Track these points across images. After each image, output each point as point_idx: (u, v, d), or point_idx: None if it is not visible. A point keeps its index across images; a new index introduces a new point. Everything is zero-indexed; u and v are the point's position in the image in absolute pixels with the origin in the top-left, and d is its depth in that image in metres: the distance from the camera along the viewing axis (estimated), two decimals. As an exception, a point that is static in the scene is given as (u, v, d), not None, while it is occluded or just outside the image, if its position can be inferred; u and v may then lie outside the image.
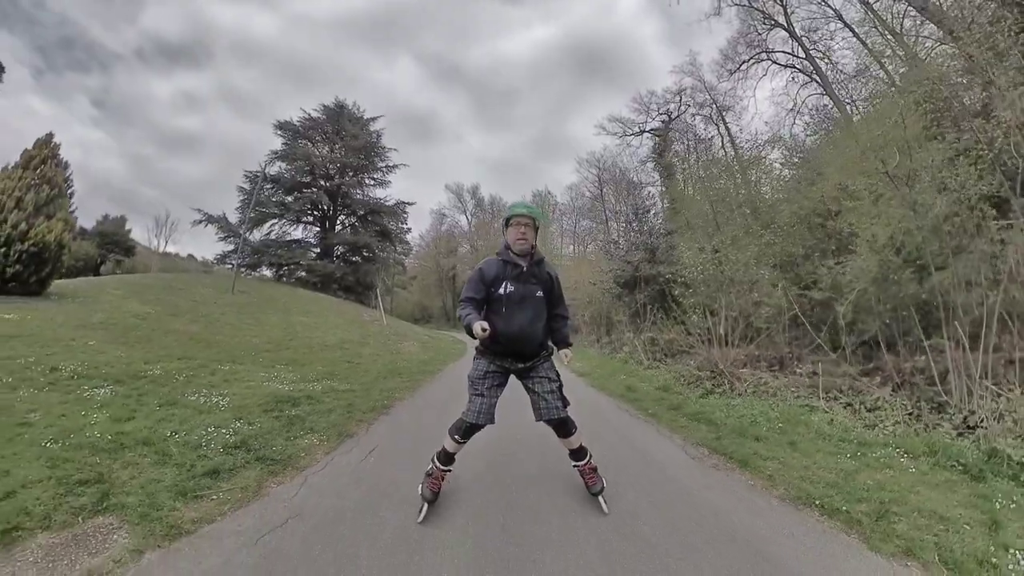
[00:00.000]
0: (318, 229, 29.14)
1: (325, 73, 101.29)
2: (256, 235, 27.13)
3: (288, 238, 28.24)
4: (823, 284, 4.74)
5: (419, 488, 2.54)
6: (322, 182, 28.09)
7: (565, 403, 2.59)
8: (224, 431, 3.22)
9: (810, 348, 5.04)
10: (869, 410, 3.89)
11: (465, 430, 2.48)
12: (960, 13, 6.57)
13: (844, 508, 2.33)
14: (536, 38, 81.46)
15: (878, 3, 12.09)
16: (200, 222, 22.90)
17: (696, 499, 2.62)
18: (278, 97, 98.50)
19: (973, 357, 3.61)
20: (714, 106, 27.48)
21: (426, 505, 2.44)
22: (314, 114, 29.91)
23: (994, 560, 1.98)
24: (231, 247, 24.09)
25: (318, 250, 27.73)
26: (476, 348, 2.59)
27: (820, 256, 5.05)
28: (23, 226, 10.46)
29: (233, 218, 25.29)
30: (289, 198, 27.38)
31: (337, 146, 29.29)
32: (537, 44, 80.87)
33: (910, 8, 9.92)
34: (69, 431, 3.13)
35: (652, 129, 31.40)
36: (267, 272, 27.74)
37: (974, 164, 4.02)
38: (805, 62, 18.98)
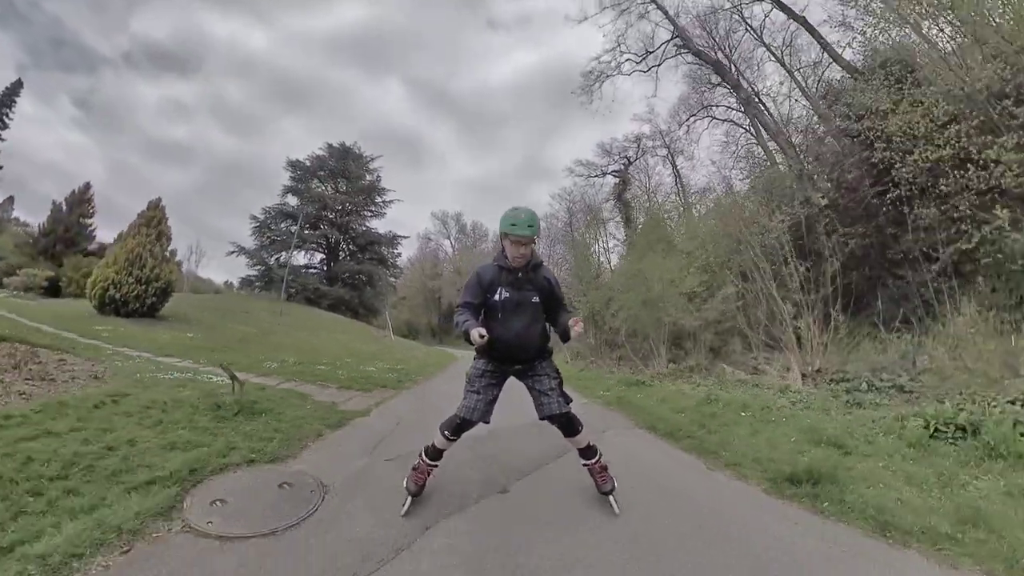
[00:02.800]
0: (323, 256, 34.75)
1: (315, 90, 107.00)
2: (270, 261, 32.59)
3: (293, 263, 33.76)
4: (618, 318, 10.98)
5: (404, 481, 2.68)
6: (329, 215, 33.80)
7: (567, 400, 2.72)
8: (385, 376, 9.03)
9: (642, 354, 11.20)
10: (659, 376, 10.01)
11: (456, 427, 2.63)
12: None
13: (613, 401, 8.31)
14: (518, 65, 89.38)
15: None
16: (232, 252, 28.38)
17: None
18: (268, 113, 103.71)
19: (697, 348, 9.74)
20: (668, 151, 34.31)
21: (410, 498, 2.59)
22: (320, 153, 35.76)
23: (660, 412, 7.91)
24: (255, 272, 29.56)
25: (324, 275, 33.30)
26: (476, 349, 2.61)
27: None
28: (157, 270, 16.05)
29: (246, 242, 30.84)
30: (296, 226, 32.96)
31: (341, 184, 35.11)
32: (519, 71, 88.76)
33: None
34: (350, 373, 8.87)
35: (614, 171, 38.37)
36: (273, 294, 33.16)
37: (684, 269, 10.24)
38: (742, 114, 23.53)
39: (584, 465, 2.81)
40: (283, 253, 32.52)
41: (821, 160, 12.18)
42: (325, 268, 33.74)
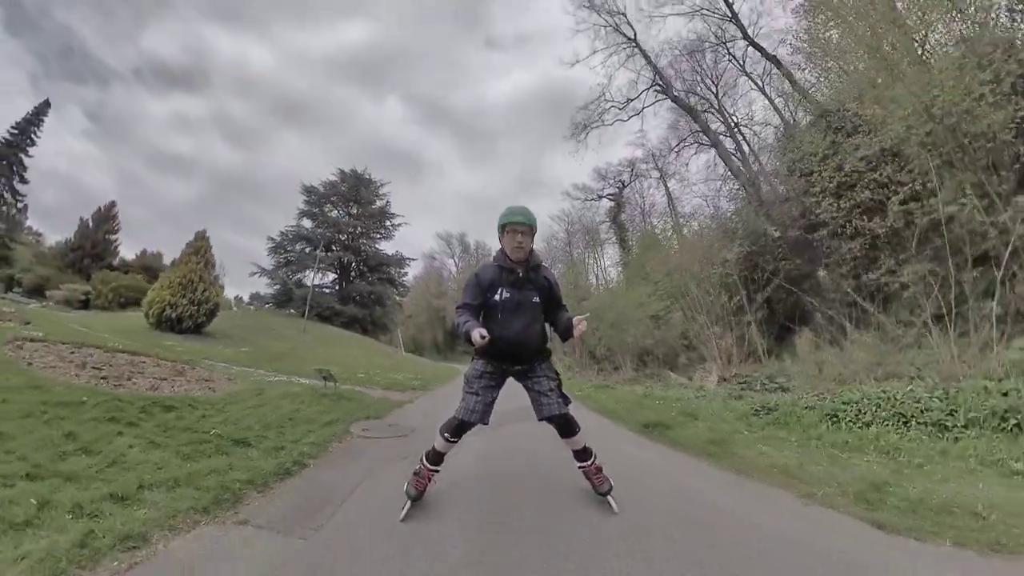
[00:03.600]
0: (335, 276, 37.89)
1: (318, 106, 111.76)
2: (286, 281, 35.71)
3: (309, 283, 36.89)
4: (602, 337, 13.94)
5: (405, 486, 2.79)
6: (342, 237, 37.01)
7: (566, 400, 2.80)
8: (411, 382, 11.93)
9: (613, 366, 14.04)
10: (623, 381, 12.88)
11: (456, 428, 2.74)
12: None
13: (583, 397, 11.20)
14: (517, 82, 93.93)
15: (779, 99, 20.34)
16: (255, 274, 31.55)
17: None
18: (271, 127, 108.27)
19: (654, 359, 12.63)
20: (660, 174, 37.42)
21: (409, 503, 2.70)
22: (333, 178, 39.11)
23: (608, 404, 10.77)
24: (271, 290, 32.71)
25: (337, 295, 36.40)
26: (476, 349, 2.63)
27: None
28: (206, 293, 19.07)
29: (264, 261, 34.12)
30: (315, 250, 36.14)
31: (353, 209, 38.39)
32: (518, 88, 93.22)
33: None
34: (384, 379, 11.77)
35: (609, 194, 41.54)
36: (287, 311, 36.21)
37: (652, 295, 13.22)
38: (729, 139, 26.03)
39: (580, 467, 2.93)
40: (299, 274, 35.64)
41: (790, 187, 14.95)
42: (338, 288, 36.84)
